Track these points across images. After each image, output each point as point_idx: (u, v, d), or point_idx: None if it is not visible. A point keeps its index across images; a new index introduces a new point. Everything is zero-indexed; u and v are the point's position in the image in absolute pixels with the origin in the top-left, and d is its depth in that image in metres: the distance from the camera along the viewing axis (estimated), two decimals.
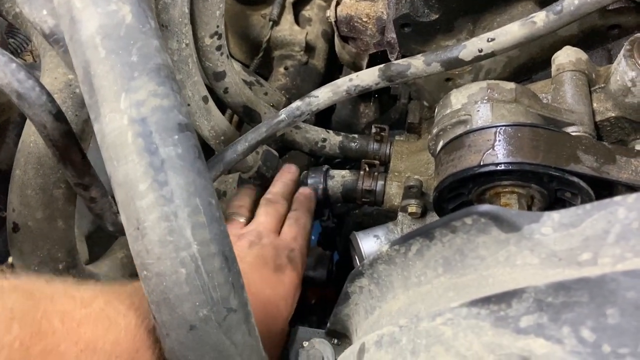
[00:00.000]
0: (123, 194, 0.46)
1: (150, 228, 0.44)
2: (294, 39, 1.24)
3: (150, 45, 0.48)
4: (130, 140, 0.45)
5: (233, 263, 0.47)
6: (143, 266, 0.45)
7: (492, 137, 0.57)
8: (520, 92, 0.65)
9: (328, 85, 0.75)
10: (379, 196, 0.89)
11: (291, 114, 0.75)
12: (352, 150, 0.97)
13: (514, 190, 0.59)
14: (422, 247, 0.46)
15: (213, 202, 0.47)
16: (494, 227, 0.41)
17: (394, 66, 0.71)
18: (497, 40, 0.65)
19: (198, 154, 0.48)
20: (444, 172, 0.60)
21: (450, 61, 0.68)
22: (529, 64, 0.87)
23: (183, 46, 0.74)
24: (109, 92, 0.46)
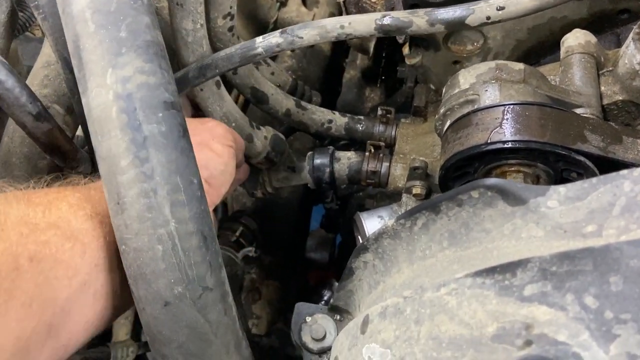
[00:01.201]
0: (105, 168, 0.46)
1: (130, 204, 0.45)
2: (300, 21, 1.24)
3: (141, 21, 0.48)
4: (114, 116, 0.46)
5: (212, 242, 0.48)
6: (122, 240, 0.46)
7: (499, 116, 0.57)
8: (529, 73, 0.63)
9: (316, 26, 0.69)
10: (383, 178, 0.89)
11: (269, 48, 0.68)
12: (357, 132, 0.96)
13: (520, 169, 0.58)
14: (427, 221, 0.47)
15: (195, 181, 0.47)
16: (500, 200, 0.42)
17: (393, 19, 0.66)
18: (506, 10, 0.63)
19: (182, 133, 0.48)
20: (451, 150, 0.59)
21: (455, 23, 0.65)
22: (537, 47, 0.85)
23: (198, 27, 0.72)
24: (96, 66, 0.47)
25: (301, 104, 0.95)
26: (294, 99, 0.95)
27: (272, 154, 0.89)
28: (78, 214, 0.47)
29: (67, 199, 0.48)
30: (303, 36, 0.69)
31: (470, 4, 0.64)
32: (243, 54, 0.70)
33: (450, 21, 0.64)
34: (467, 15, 0.64)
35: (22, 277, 0.40)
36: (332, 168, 0.92)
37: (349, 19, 0.68)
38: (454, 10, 0.64)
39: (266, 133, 0.90)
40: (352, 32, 0.68)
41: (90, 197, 0.50)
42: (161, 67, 0.49)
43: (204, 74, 0.71)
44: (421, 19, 0.65)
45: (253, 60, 0.71)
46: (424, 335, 0.40)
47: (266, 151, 0.88)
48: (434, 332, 0.39)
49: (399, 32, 0.66)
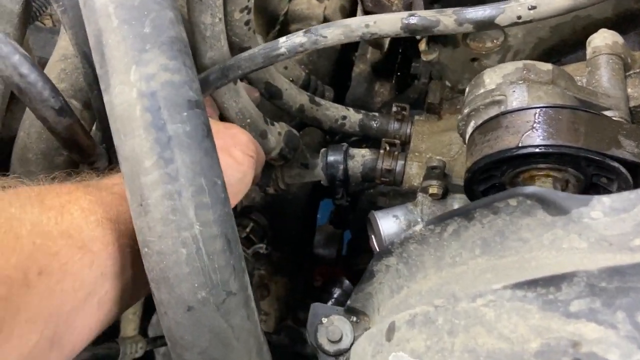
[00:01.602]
0: (128, 168, 0.45)
1: (154, 205, 0.44)
2: (311, 13, 1.22)
3: (165, 16, 0.47)
4: (138, 114, 0.44)
5: (235, 245, 0.46)
6: (144, 243, 0.45)
7: (531, 119, 0.55)
8: (557, 74, 0.62)
9: (340, 25, 0.68)
10: (398, 176, 0.88)
11: (292, 49, 0.67)
12: (372, 129, 0.95)
13: (550, 173, 0.57)
14: (459, 228, 0.46)
15: (219, 182, 0.46)
16: (539, 209, 0.41)
17: (420, 19, 0.64)
18: (538, 10, 0.61)
19: (207, 132, 0.47)
20: (479, 153, 0.58)
21: (484, 23, 0.63)
22: (559, 45, 0.84)
23: (217, 20, 0.71)
24: (119, 63, 0.45)
25: (315, 100, 0.93)
26: (308, 95, 0.93)
27: (286, 151, 0.88)
28: (90, 219, 0.46)
29: (80, 202, 0.47)
30: (327, 35, 0.67)
31: (500, 3, 0.63)
32: (266, 55, 0.69)
33: (480, 21, 0.63)
34: (497, 14, 0.62)
35: (30, 292, 0.40)
36: (346, 165, 0.90)
37: (373, 18, 0.67)
38: (483, 10, 0.63)
39: (280, 129, 0.88)
40: (377, 32, 0.67)
41: (102, 200, 0.49)
42: (185, 65, 0.47)
43: (226, 75, 0.69)
44: (449, 19, 0.64)
45: (276, 61, 0.69)
46: (459, 347, 0.39)
47: (280, 147, 0.87)
48: (470, 344, 0.38)
49: (426, 32, 0.65)
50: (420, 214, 0.83)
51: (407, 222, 0.83)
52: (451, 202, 0.83)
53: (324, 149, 0.92)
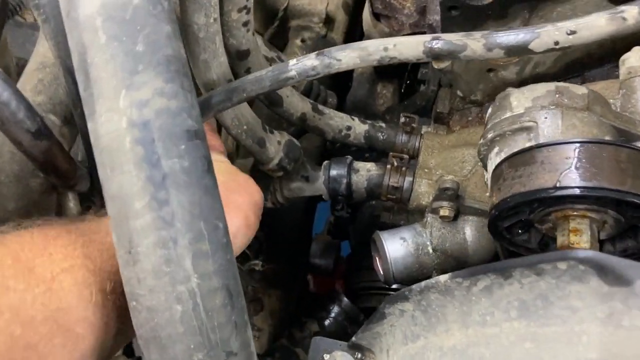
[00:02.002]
0: (116, 209, 0.39)
1: (144, 254, 0.38)
2: (313, 9, 1.16)
3: (161, 31, 0.41)
4: (128, 147, 0.39)
5: (238, 298, 0.41)
6: (132, 296, 0.39)
7: (571, 155, 0.50)
8: (593, 99, 0.57)
9: (356, 48, 0.63)
10: (406, 194, 0.82)
11: (303, 72, 0.63)
12: (378, 140, 0.89)
13: (587, 214, 0.52)
14: (492, 285, 0.41)
15: (220, 225, 0.41)
16: (594, 276, 0.36)
17: (445, 43, 0.60)
18: (578, 35, 0.56)
19: (207, 167, 0.41)
20: (508, 189, 0.53)
21: (517, 49, 0.58)
22: (583, 59, 0.78)
23: (211, 21, 0.65)
24: (107, 86, 0.39)
25: (318, 108, 0.87)
26: (311, 102, 0.87)
27: (286, 161, 0.82)
28: (83, 295, 0.42)
29: (75, 272, 0.42)
30: (342, 59, 0.62)
31: (535, 27, 0.57)
32: (274, 78, 0.64)
33: (512, 46, 0.57)
34: (532, 39, 0.57)
35: None
36: (350, 180, 0.85)
37: (394, 40, 0.61)
38: (516, 34, 0.57)
39: (280, 138, 0.82)
40: (397, 56, 0.61)
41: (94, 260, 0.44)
42: (183, 88, 0.41)
43: (230, 99, 0.64)
44: (477, 43, 0.58)
45: (285, 85, 0.65)
46: None
47: (279, 157, 0.81)
48: None
49: (451, 57, 0.60)
50: (429, 237, 0.79)
51: (415, 245, 0.78)
52: (462, 225, 0.79)
53: (326, 162, 0.86)
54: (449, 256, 0.79)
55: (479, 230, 0.78)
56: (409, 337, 0.50)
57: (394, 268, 0.78)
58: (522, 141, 0.58)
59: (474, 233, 0.78)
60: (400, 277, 0.79)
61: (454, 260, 0.79)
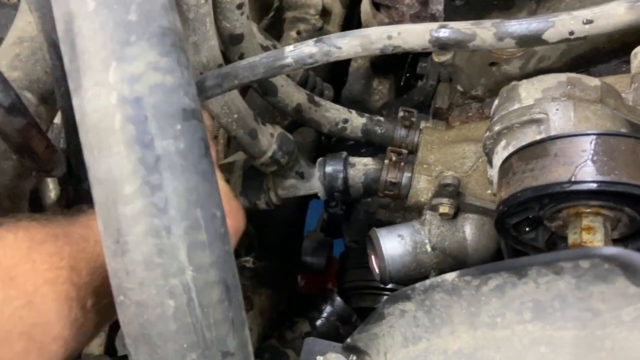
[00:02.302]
0: (103, 194, 0.36)
1: (134, 244, 0.35)
2: (309, 1, 1.13)
3: (156, 1, 0.37)
4: (117, 126, 0.35)
5: (235, 294, 0.38)
6: (120, 290, 0.36)
7: (587, 147, 0.47)
8: (606, 91, 0.54)
9: (357, 35, 0.59)
10: (404, 190, 0.79)
11: (300, 59, 0.60)
12: (376, 134, 0.86)
13: (600, 211, 0.49)
14: (504, 284, 0.38)
15: (218, 214, 0.37)
16: (620, 276, 0.33)
17: (453, 31, 0.56)
18: (595, 24, 0.53)
19: (205, 151, 0.37)
20: (519, 183, 0.50)
21: (529, 39, 0.55)
22: (590, 54, 0.76)
23: (202, 1, 0.62)
24: (95, 58, 0.36)
25: (314, 99, 0.84)
26: (307, 93, 0.84)
27: (279, 154, 0.78)
28: (63, 310, 0.39)
29: (58, 285, 0.40)
30: (342, 46, 0.59)
31: (549, 15, 0.54)
32: (269, 65, 0.60)
33: (524, 35, 0.54)
34: (546, 29, 0.54)
35: None
36: (346, 174, 0.81)
37: (398, 28, 0.58)
38: (528, 23, 0.54)
39: (272, 130, 0.79)
40: (402, 45, 0.58)
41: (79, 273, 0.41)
42: (180, 63, 0.38)
43: (221, 85, 0.61)
44: (487, 32, 0.55)
45: (280, 73, 0.61)
46: None
47: (273, 150, 0.78)
48: None
49: (459, 46, 0.57)
50: (427, 235, 0.76)
51: (413, 243, 0.75)
52: (462, 223, 0.76)
53: (321, 158, 0.83)
54: (448, 255, 0.76)
55: (479, 229, 0.76)
56: (410, 339, 0.47)
57: (390, 267, 0.75)
58: (531, 134, 0.56)
59: (474, 232, 0.76)
60: (397, 276, 0.76)
61: (452, 260, 0.77)
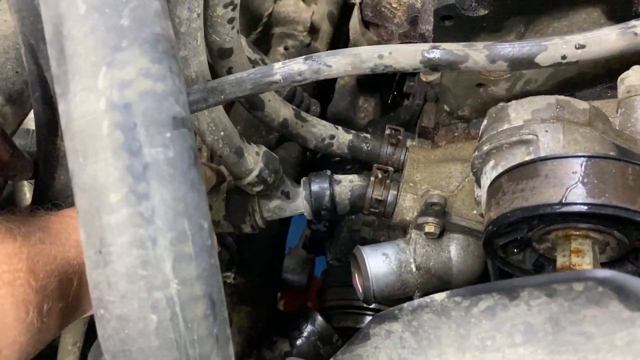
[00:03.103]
0: (87, 202, 0.34)
1: (117, 255, 0.34)
2: (298, 17, 1.13)
3: (149, 7, 0.36)
4: (105, 132, 0.34)
5: (220, 309, 0.37)
6: (101, 303, 0.34)
7: (577, 169, 0.47)
8: (595, 115, 0.55)
9: (348, 53, 0.60)
10: (389, 207, 0.79)
11: (289, 76, 0.59)
12: (362, 151, 0.85)
13: (589, 234, 0.49)
14: (495, 306, 0.38)
15: (205, 225, 0.36)
16: (614, 299, 0.33)
17: (445, 52, 0.57)
18: (587, 49, 0.54)
19: (194, 160, 0.36)
20: (508, 204, 0.49)
21: (521, 62, 0.56)
22: (576, 79, 0.77)
23: (194, 16, 0.61)
24: (84, 63, 0.35)
25: (301, 115, 0.84)
26: (294, 108, 0.83)
27: (266, 172, 0.76)
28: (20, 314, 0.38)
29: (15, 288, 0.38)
30: (332, 64, 0.58)
31: (542, 39, 0.55)
32: (256, 81, 0.59)
33: (516, 58, 0.55)
34: (538, 52, 0.55)
35: None
36: (333, 191, 0.80)
37: (389, 48, 0.58)
38: (521, 46, 0.55)
39: (257, 149, 0.77)
40: (393, 64, 0.58)
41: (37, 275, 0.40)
42: (172, 71, 0.37)
43: (206, 99, 0.59)
44: (479, 54, 0.56)
45: (268, 89, 0.60)
46: None
47: (259, 168, 0.75)
48: None
49: (451, 67, 0.57)
50: (412, 254, 0.75)
51: (397, 263, 0.75)
52: (448, 243, 0.76)
53: (305, 178, 0.82)
54: (433, 275, 0.75)
55: (465, 249, 0.75)
56: None
57: (374, 286, 0.74)
58: (520, 154, 0.56)
59: (459, 252, 0.75)
60: (381, 295, 0.75)
61: (437, 280, 0.76)
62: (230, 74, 0.76)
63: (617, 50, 0.54)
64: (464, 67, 0.56)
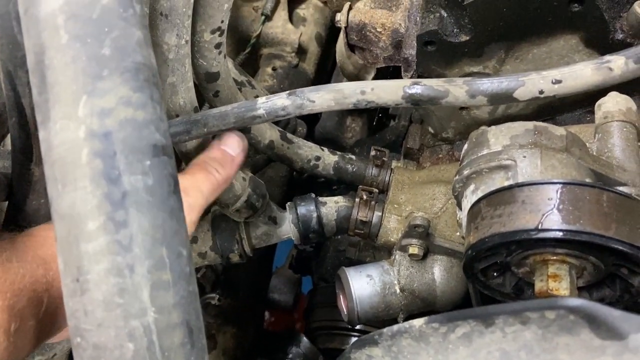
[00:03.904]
0: (65, 230, 0.35)
1: (95, 283, 0.34)
2: (286, 38, 1.15)
3: (131, 36, 0.37)
4: (84, 160, 0.34)
5: (198, 336, 0.37)
6: (77, 331, 0.34)
7: (553, 196, 0.48)
8: (571, 140, 0.56)
9: (331, 89, 0.62)
10: (374, 229, 0.79)
11: (272, 111, 0.61)
12: (347, 173, 0.86)
13: (566, 259, 0.50)
14: (471, 332, 0.38)
15: (184, 253, 0.36)
16: (585, 328, 0.34)
17: (426, 88, 0.58)
18: (564, 84, 0.56)
19: (173, 187, 0.37)
20: (487, 229, 0.50)
21: (500, 97, 0.57)
22: (556, 103, 0.78)
23: (182, 42, 0.61)
24: (65, 91, 0.35)
25: (287, 136, 0.84)
26: (279, 130, 0.84)
27: (254, 197, 0.76)
28: None
29: None
30: (315, 100, 0.60)
31: (519, 75, 0.56)
32: (240, 115, 0.61)
33: (495, 94, 0.57)
34: (516, 87, 0.56)
35: None
36: (320, 213, 0.81)
37: (371, 84, 0.60)
38: (500, 81, 0.57)
39: (244, 174, 0.77)
40: (375, 100, 0.60)
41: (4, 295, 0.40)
42: (152, 99, 0.37)
43: (189, 131, 0.60)
44: (459, 89, 0.58)
45: (252, 123, 0.62)
46: None
47: (247, 194, 0.75)
48: None
49: (432, 102, 0.59)
50: (396, 276, 0.76)
51: (381, 284, 0.75)
52: (431, 265, 0.76)
53: (290, 202, 0.82)
54: (417, 297, 0.76)
55: (448, 271, 0.76)
56: None
57: (359, 307, 0.74)
58: (499, 179, 0.56)
59: (442, 274, 0.76)
60: (365, 317, 0.75)
61: (421, 302, 0.76)
62: (216, 97, 0.77)
63: (592, 84, 0.56)
64: (444, 102, 0.58)
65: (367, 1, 0.87)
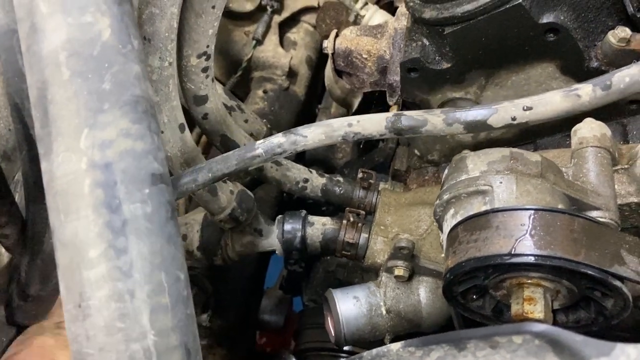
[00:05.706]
0: (67, 257, 0.36)
1: (96, 308, 0.35)
2: (277, 62, 1.18)
3: (130, 71, 0.39)
4: (86, 191, 0.36)
5: (196, 357, 0.38)
6: (79, 355, 0.36)
7: (526, 222, 0.50)
8: (546, 166, 0.58)
9: (321, 124, 0.66)
10: (361, 250, 0.81)
11: (270, 150, 0.64)
12: (335, 195, 0.88)
13: (541, 283, 0.52)
14: (445, 356, 0.40)
15: (182, 277, 0.38)
16: (550, 352, 0.35)
17: (406, 119, 0.63)
18: (534, 111, 0.59)
19: (171, 214, 0.38)
20: (463, 253, 0.52)
21: (476, 124, 0.61)
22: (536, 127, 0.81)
23: (166, 64, 0.64)
24: (67, 125, 0.37)
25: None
26: None
27: (238, 211, 0.79)
28: None
29: None
30: (307, 135, 0.64)
31: (493, 103, 0.60)
32: (241, 157, 0.64)
33: (470, 122, 0.61)
34: (490, 115, 0.60)
35: None
36: (304, 233, 0.83)
37: (357, 118, 0.65)
38: (474, 111, 0.61)
39: (233, 187, 0.80)
40: (361, 131, 0.64)
41: None
42: (150, 129, 0.39)
43: (196, 180, 0.63)
44: (437, 118, 0.62)
45: (252, 164, 0.65)
46: None
47: (231, 207, 0.79)
48: None
49: (413, 132, 0.63)
50: (383, 297, 0.77)
51: (368, 306, 0.76)
52: (417, 286, 0.78)
53: (280, 216, 0.85)
54: (403, 318, 0.77)
55: (434, 292, 0.77)
56: None
57: (345, 329, 0.75)
58: (477, 204, 0.58)
59: (428, 295, 0.77)
60: (352, 338, 0.76)
61: (407, 323, 0.77)
62: (205, 120, 0.79)
63: (562, 111, 0.59)
64: (424, 130, 0.62)
65: (353, 28, 0.90)
